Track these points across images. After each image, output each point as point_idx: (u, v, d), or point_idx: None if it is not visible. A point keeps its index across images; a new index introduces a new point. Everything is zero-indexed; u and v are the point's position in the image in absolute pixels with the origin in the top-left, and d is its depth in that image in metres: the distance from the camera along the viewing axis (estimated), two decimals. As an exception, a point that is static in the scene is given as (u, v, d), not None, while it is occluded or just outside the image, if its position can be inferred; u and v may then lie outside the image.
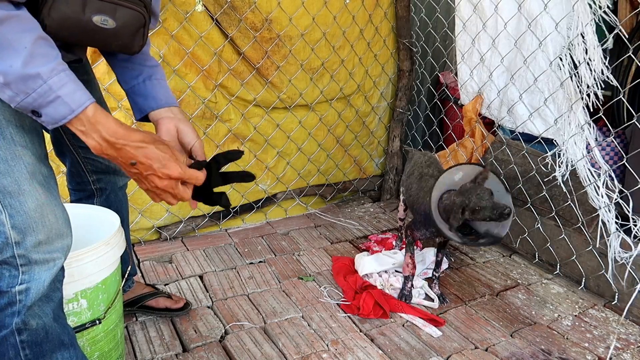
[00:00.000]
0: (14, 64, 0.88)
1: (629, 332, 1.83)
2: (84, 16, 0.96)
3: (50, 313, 1.06)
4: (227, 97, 2.37)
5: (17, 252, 0.99)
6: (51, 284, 1.05)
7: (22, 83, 0.90)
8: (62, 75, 0.92)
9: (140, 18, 1.05)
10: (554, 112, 2.16)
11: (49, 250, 1.03)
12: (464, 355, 1.67)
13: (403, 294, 1.94)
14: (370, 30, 2.73)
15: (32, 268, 1.01)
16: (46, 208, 1.02)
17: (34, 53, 0.90)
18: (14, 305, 1.01)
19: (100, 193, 1.57)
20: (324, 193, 2.85)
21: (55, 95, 0.92)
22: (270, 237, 2.47)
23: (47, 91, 0.91)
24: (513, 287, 2.09)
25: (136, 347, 1.65)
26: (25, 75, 0.89)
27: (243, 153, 1.23)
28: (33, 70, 0.89)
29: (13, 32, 0.88)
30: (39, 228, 1.00)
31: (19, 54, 0.88)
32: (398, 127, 2.97)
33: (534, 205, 2.26)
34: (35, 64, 0.90)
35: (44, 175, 1.04)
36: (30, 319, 1.03)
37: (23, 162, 0.99)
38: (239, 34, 2.28)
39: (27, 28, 0.90)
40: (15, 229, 0.98)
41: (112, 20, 1.00)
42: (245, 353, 1.64)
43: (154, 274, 2.09)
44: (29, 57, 0.89)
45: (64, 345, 1.09)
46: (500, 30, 2.32)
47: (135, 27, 1.06)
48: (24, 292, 1.01)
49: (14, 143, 0.99)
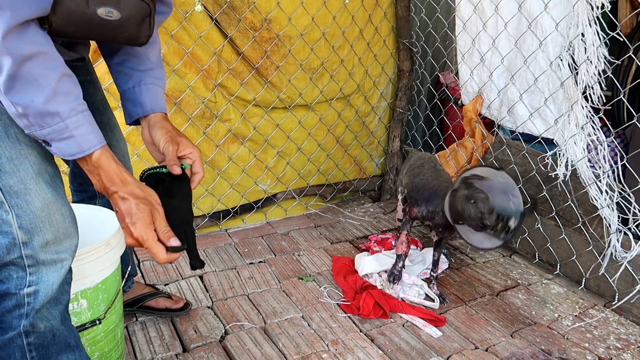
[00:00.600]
0: (36, 99, 0.92)
1: (629, 332, 1.83)
2: (89, 9, 0.96)
3: (58, 316, 1.06)
4: (226, 96, 2.37)
5: (24, 253, 0.98)
6: (60, 287, 1.04)
7: (40, 118, 0.93)
8: (80, 116, 0.97)
9: (145, 7, 1.05)
10: (554, 112, 2.16)
11: (56, 251, 1.02)
12: (464, 356, 1.67)
13: (392, 272, 1.93)
14: (370, 30, 2.73)
15: (40, 269, 1.00)
16: (53, 207, 1.01)
17: (57, 90, 0.94)
18: (22, 307, 1.00)
19: (102, 194, 1.56)
20: (324, 193, 2.85)
21: (70, 134, 0.96)
22: (270, 237, 2.47)
23: (63, 129, 0.95)
24: (513, 287, 2.09)
25: (136, 347, 1.65)
26: (45, 112, 0.93)
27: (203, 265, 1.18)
28: (53, 108, 0.93)
29: (39, 69, 0.91)
30: (46, 228, 1.00)
31: (42, 90, 0.92)
32: (398, 127, 2.97)
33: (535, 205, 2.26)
34: (57, 101, 0.94)
35: (49, 174, 1.03)
36: (39, 322, 1.02)
37: (29, 161, 0.99)
38: (238, 33, 2.28)
39: (53, 65, 0.93)
40: (22, 229, 0.97)
41: (117, 11, 1.00)
42: (246, 353, 1.64)
43: (154, 274, 2.09)
44: (52, 95, 0.93)
45: (70, 347, 1.09)
46: (501, 30, 2.32)
47: (141, 16, 1.05)
48: (32, 294, 1.00)
49: (19, 142, 0.99)
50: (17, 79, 0.90)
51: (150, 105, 1.22)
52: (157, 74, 1.25)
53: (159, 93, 1.24)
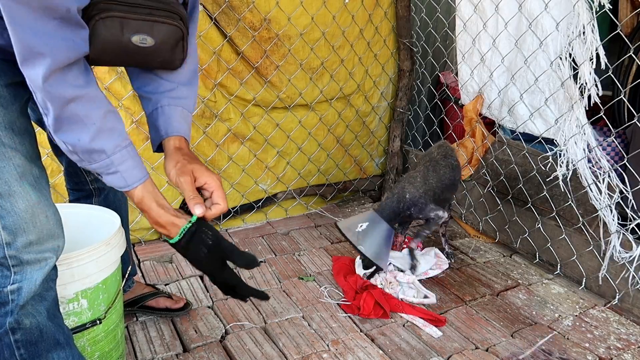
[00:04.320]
0: (82, 138, 0.97)
1: (630, 332, 1.83)
2: (123, 37, 0.99)
3: (44, 312, 1.06)
4: (226, 96, 2.37)
5: (8, 253, 0.99)
6: (43, 283, 1.05)
7: (88, 154, 1.00)
8: (124, 152, 1.03)
9: (177, 32, 1.06)
10: (555, 112, 2.15)
11: (39, 251, 1.03)
12: (464, 356, 1.67)
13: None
14: (370, 30, 2.73)
15: (24, 268, 1.01)
16: (37, 209, 1.02)
17: (102, 128, 0.99)
18: (7, 305, 1.01)
19: (99, 192, 1.56)
20: (324, 193, 2.85)
21: (115, 169, 1.02)
22: (270, 237, 2.47)
23: (109, 165, 1.02)
24: (513, 287, 2.09)
25: (136, 347, 1.65)
26: (92, 150, 0.99)
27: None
28: (98, 146, 0.99)
29: (83, 110, 0.96)
30: (29, 229, 1.01)
31: (87, 129, 0.97)
32: (398, 127, 2.97)
33: (535, 205, 2.26)
34: (102, 139, 0.99)
35: (34, 176, 1.04)
36: (24, 318, 1.03)
37: (13, 163, 1.00)
38: (237, 33, 2.28)
39: (96, 105, 0.98)
40: (6, 229, 0.98)
41: (151, 38, 1.02)
42: (246, 353, 1.64)
43: (154, 273, 2.09)
44: (96, 133, 0.98)
45: (59, 344, 1.09)
46: (501, 30, 2.31)
47: (174, 41, 1.07)
48: (16, 291, 1.01)
49: (3, 145, 1.00)
50: (63, 120, 0.95)
51: (164, 128, 1.17)
52: (177, 93, 1.20)
53: (175, 114, 1.18)
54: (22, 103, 1.08)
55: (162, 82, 1.19)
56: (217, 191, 1.12)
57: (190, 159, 1.14)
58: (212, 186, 1.12)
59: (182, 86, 1.20)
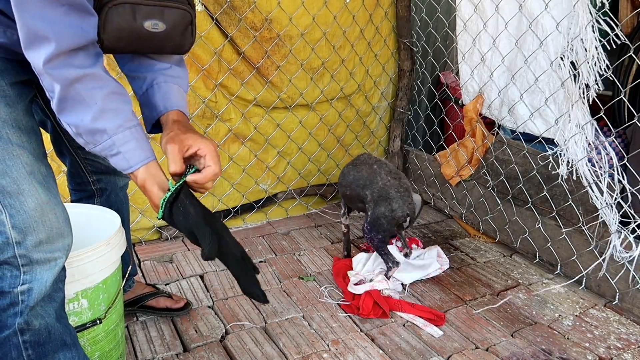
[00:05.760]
0: (85, 118, 0.97)
1: (630, 332, 1.83)
2: (136, 23, 1.00)
3: (53, 313, 1.07)
4: (227, 96, 2.37)
5: (18, 252, 0.99)
6: (53, 284, 1.05)
7: (90, 135, 0.99)
8: (127, 132, 1.01)
9: (187, 16, 1.08)
10: (555, 111, 2.15)
11: (50, 250, 1.03)
12: (464, 355, 1.67)
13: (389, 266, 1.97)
14: (370, 30, 2.73)
15: (34, 268, 1.01)
16: (46, 207, 1.02)
17: (105, 108, 0.98)
18: (17, 305, 1.01)
19: (101, 193, 1.56)
20: (324, 193, 2.85)
21: (117, 150, 1.01)
22: (270, 237, 2.47)
23: (110, 145, 1.00)
24: (514, 287, 2.09)
25: (137, 347, 1.65)
26: (94, 130, 0.98)
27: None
28: (100, 126, 0.98)
29: (86, 89, 0.96)
30: (39, 227, 1.00)
31: (89, 109, 0.97)
32: (399, 127, 2.97)
33: (535, 205, 2.26)
34: (104, 119, 0.98)
35: (43, 174, 1.04)
36: (33, 319, 1.03)
37: (21, 161, 1.00)
38: (238, 33, 2.28)
39: (99, 85, 0.98)
40: (15, 228, 0.98)
41: (162, 23, 1.04)
42: (246, 353, 1.64)
43: (154, 273, 2.09)
44: (99, 113, 0.97)
45: (66, 345, 1.09)
46: (501, 30, 2.32)
47: (184, 25, 1.09)
48: (26, 292, 1.01)
49: (11, 143, 1.00)
50: (66, 100, 0.95)
51: (162, 104, 1.15)
52: (172, 72, 1.20)
53: (173, 90, 1.18)
54: (27, 102, 1.08)
55: (156, 62, 1.19)
56: (209, 154, 1.07)
57: (186, 129, 1.09)
58: (204, 150, 1.07)
59: (175, 66, 1.22)
